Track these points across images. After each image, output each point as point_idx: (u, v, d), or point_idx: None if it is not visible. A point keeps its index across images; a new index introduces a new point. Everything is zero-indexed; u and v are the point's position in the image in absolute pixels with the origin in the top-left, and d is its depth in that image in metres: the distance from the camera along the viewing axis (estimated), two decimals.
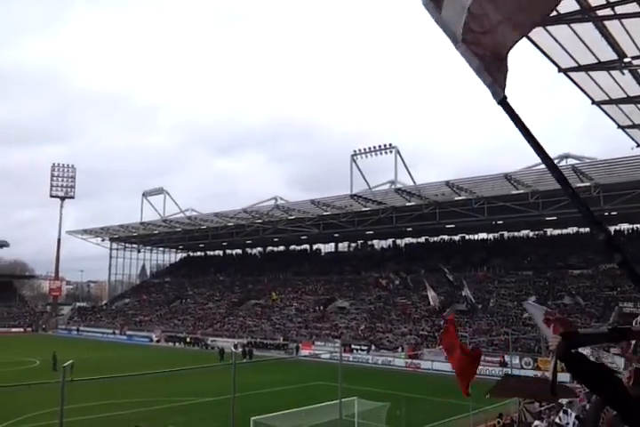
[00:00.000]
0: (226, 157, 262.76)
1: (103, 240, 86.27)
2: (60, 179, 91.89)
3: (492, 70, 2.01)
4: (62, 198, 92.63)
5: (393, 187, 49.18)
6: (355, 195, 51.04)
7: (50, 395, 13.12)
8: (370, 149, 51.67)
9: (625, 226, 55.74)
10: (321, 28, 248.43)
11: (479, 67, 2.01)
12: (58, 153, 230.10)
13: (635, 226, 55.00)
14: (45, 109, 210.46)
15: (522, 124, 1.98)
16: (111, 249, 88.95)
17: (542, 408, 20.06)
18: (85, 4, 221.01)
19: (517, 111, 1.98)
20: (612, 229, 56.59)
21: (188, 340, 59.93)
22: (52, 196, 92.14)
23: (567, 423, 13.33)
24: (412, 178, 49.58)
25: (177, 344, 60.03)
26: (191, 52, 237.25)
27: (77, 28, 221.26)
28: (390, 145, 50.59)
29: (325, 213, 57.01)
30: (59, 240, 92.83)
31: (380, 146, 51.27)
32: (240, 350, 47.91)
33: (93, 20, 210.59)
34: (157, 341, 62.83)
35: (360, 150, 52.06)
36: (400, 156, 49.84)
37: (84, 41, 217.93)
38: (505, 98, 1.99)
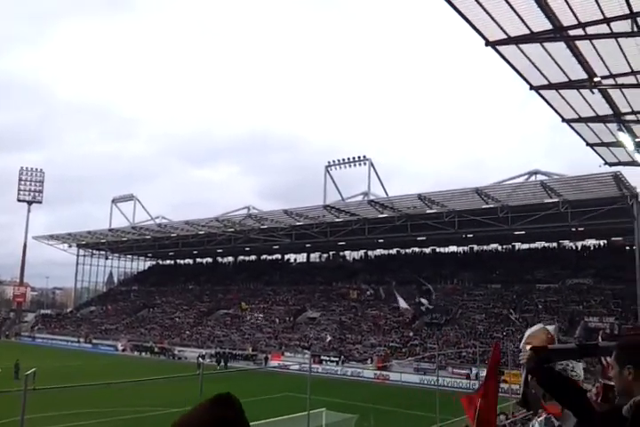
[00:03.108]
0: (200, 167, 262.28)
1: (70, 246, 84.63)
2: (27, 183, 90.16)
3: None
4: (29, 203, 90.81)
5: (366, 198, 49.40)
6: (328, 205, 51.12)
7: (11, 404, 12.78)
8: (344, 160, 51.92)
9: (592, 241, 56.86)
10: (300, 43, 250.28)
11: None
12: (33, 160, 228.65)
13: (601, 242, 56.12)
14: (24, 118, 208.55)
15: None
16: (78, 256, 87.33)
17: (508, 422, 20.21)
18: (69, 19, 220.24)
19: None
20: (579, 244, 57.77)
21: (154, 349, 59.02)
22: (19, 200, 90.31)
23: None
24: (385, 190, 49.97)
25: (143, 354, 59.01)
26: (171, 65, 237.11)
27: (60, 41, 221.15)
28: (364, 157, 50.88)
29: (298, 224, 56.93)
30: (24, 245, 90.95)
31: (354, 157, 51.55)
32: (214, 359, 48.76)
33: (74, 34, 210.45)
34: (123, 350, 61.71)
35: (334, 161, 52.28)
36: (374, 168, 50.18)
37: (65, 54, 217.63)
38: None
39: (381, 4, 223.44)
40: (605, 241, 55.72)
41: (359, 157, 51.22)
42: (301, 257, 77.44)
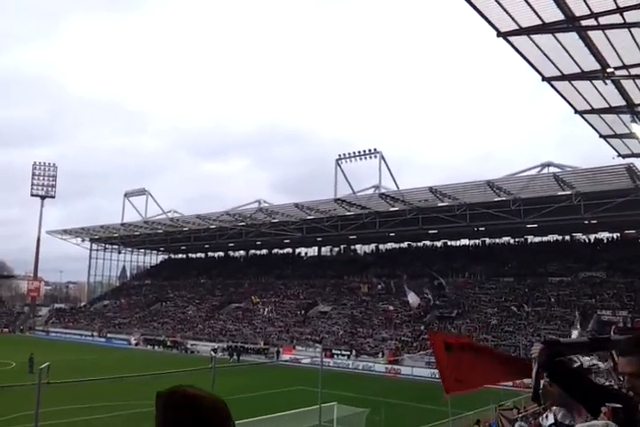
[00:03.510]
0: (211, 161, 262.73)
1: (83, 241, 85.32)
2: (41, 178, 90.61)
3: None
4: (43, 197, 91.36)
5: (377, 192, 49.31)
6: (339, 199, 51.09)
7: (26, 398, 12.91)
8: (354, 153, 51.84)
9: (605, 234, 56.42)
10: (308, 35, 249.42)
11: None
12: (45, 155, 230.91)
13: (614, 234, 55.66)
14: (36, 113, 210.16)
15: None
16: (91, 250, 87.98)
17: (520, 415, 20.17)
18: (78, 15, 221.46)
19: None
20: (592, 237, 57.35)
21: (167, 343, 59.40)
22: (32, 195, 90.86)
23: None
24: (396, 183, 49.85)
25: (156, 347, 59.42)
26: (180, 59, 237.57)
27: (69, 37, 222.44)
28: (375, 150, 50.77)
29: (309, 217, 56.95)
30: (38, 240, 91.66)
31: (364, 151, 51.46)
32: (227, 352, 49.76)
33: (85, 30, 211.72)
34: (136, 344, 62.18)
35: (345, 155, 52.22)
36: (384, 161, 50.08)
37: (76, 49, 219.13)
38: None
39: None
40: (618, 234, 55.26)
41: (369, 150, 51.11)
42: (312, 251, 77.53)
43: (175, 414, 1.66)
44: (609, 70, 14.36)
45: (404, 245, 68.80)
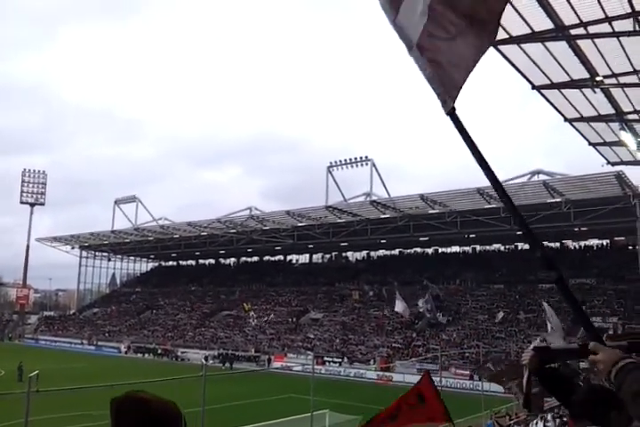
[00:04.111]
0: (204, 169, 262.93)
1: (73, 248, 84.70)
2: (30, 185, 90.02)
3: (446, 80, 1.90)
4: (32, 205, 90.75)
5: (368, 199, 49.40)
6: (330, 206, 51.12)
7: (15, 406, 12.78)
8: (346, 161, 51.95)
9: (595, 241, 56.74)
10: (301, 44, 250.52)
11: (431, 75, 1.91)
12: (39, 163, 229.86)
13: (604, 241, 55.99)
14: (30, 121, 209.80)
15: (468, 138, 1.93)
16: (81, 257, 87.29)
17: (512, 422, 20.21)
18: (74, 23, 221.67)
19: (465, 125, 1.92)
20: (582, 244, 57.60)
21: (157, 351, 58.98)
22: (21, 202, 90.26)
23: None
24: (387, 191, 49.99)
25: (146, 355, 59.00)
26: (175, 68, 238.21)
27: (64, 44, 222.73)
28: (366, 157, 50.92)
29: (300, 224, 56.91)
30: (27, 247, 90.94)
31: (356, 158, 51.58)
32: (217, 360, 49.50)
33: (80, 38, 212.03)
34: (126, 352, 61.71)
35: (336, 162, 52.32)
36: (376, 168, 50.22)
37: (71, 57, 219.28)
38: (454, 110, 1.91)
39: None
40: (608, 241, 55.58)
41: (361, 158, 51.25)
42: (304, 258, 77.38)
43: (126, 417, 1.80)
44: (598, 79, 14.51)
45: (396, 252, 68.85)
